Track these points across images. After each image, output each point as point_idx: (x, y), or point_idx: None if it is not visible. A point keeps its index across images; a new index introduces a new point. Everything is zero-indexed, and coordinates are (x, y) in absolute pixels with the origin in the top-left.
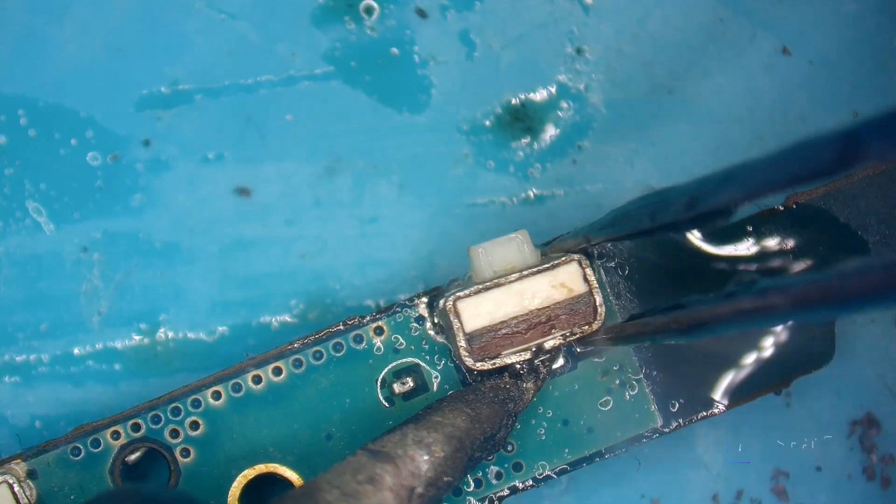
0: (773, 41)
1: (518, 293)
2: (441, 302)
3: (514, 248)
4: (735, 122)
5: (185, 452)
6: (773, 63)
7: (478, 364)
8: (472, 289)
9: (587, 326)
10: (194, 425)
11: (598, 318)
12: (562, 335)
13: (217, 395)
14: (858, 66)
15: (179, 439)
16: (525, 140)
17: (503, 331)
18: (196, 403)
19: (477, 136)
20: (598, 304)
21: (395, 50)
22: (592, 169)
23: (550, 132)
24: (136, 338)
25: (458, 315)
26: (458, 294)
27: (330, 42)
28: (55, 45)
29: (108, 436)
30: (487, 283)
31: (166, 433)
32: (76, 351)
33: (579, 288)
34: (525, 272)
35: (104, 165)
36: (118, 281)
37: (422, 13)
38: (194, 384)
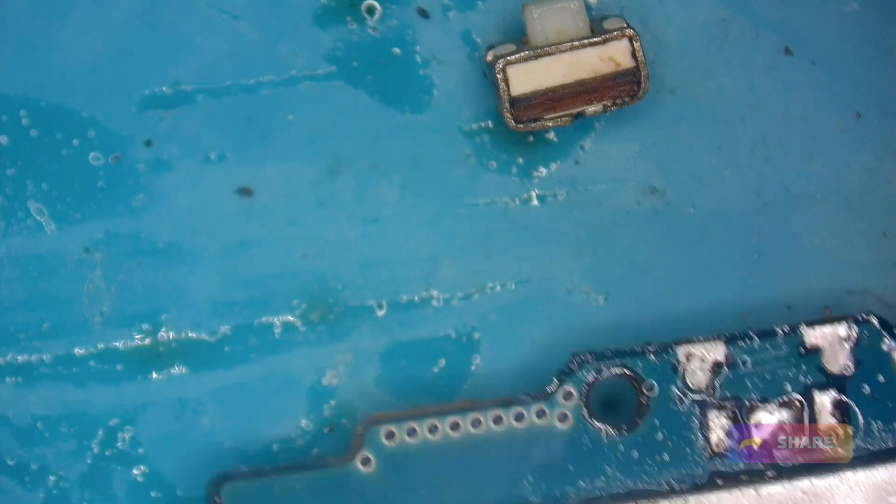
0: (776, 41)
1: (568, 63)
2: (490, 56)
3: (568, 17)
4: (737, 121)
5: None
6: (775, 63)
7: (519, 126)
8: (522, 54)
9: (629, 99)
10: None
11: (641, 92)
12: (603, 105)
13: None
14: (861, 66)
15: None
16: (527, 140)
17: (548, 96)
18: None
19: (479, 137)
20: (643, 79)
21: (397, 50)
22: (595, 169)
23: (552, 132)
24: (138, 338)
25: (506, 80)
26: (508, 58)
27: (332, 42)
28: (57, 45)
29: None
30: (538, 51)
31: None
32: (78, 351)
33: (627, 63)
34: (576, 43)
35: (106, 166)
36: (120, 281)
37: (424, 13)
38: None
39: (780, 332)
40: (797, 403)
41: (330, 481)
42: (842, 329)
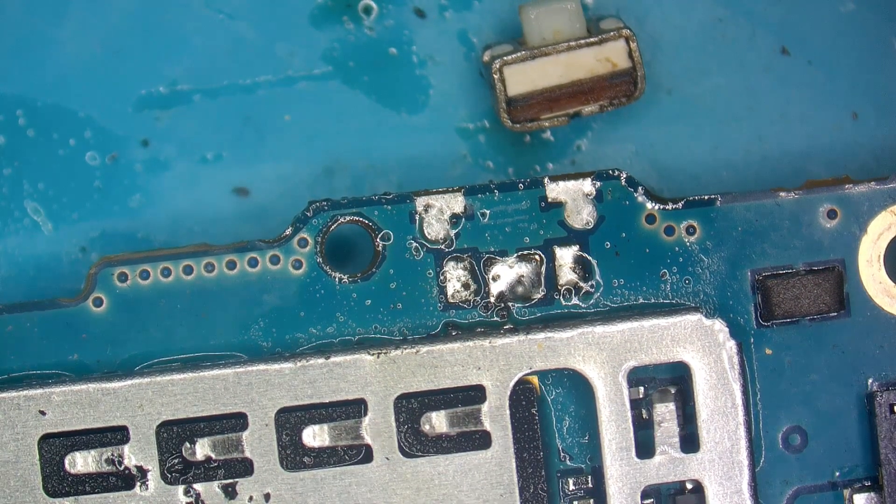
0: (772, 41)
1: (564, 63)
2: (486, 56)
3: (565, 17)
4: (734, 122)
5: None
6: (771, 63)
7: (516, 126)
8: (519, 54)
9: (626, 99)
10: None
11: (638, 93)
12: (600, 105)
13: None
14: (857, 66)
15: None
16: (524, 141)
17: (544, 97)
18: None
19: (476, 137)
20: (639, 79)
21: (393, 50)
22: (591, 169)
23: (549, 133)
24: None
25: (503, 80)
26: (505, 58)
27: (328, 42)
28: (54, 45)
29: None
30: (535, 52)
31: None
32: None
33: (623, 63)
34: (573, 43)
35: (103, 165)
36: None
37: (420, 13)
38: None
39: (521, 185)
40: (537, 258)
41: (62, 321)
42: (586, 184)
